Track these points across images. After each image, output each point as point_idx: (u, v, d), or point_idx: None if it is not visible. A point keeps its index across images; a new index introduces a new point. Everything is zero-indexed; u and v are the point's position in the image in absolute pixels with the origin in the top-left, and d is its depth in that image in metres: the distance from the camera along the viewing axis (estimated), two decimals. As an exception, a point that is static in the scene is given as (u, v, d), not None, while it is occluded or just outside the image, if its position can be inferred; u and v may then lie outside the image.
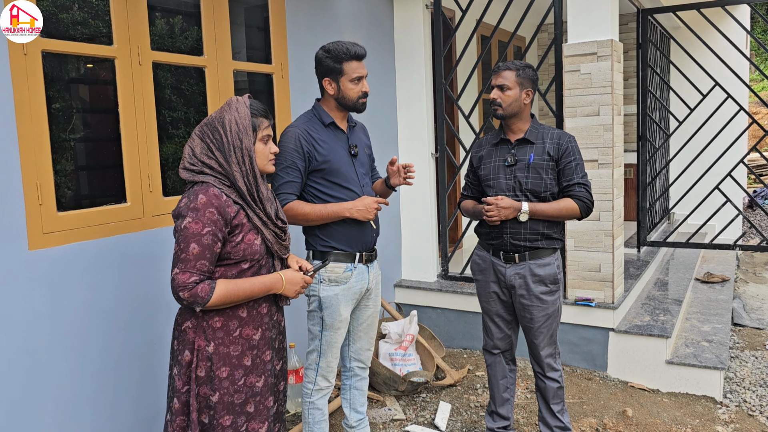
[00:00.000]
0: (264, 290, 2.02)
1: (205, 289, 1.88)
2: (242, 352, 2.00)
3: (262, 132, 2.03)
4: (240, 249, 1.97)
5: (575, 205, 2.72)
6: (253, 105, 2.03)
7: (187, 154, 2.00)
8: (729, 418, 3.48)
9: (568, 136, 2.76)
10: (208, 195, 1.91)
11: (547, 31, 7.46)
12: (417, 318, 4.04)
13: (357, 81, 2.56)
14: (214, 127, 1.98)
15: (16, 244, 2.31)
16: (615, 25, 3.99)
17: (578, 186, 2.73)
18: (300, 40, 3.69)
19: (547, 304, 2.78)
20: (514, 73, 2.70)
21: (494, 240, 2.80)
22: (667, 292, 4.89)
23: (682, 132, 6.30)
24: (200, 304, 1.88)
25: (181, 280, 1.86)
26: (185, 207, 1.91)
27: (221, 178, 1.97)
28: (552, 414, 2.89)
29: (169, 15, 3.04)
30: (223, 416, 1.97)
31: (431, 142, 4.65)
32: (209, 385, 1.96)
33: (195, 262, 1.87)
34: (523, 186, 2.72)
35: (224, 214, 1.92)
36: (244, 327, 2.01)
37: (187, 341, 1.97)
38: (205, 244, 1.88)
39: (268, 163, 2.08)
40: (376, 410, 3.58)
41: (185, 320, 1.99)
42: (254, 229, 2.00)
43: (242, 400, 2.01)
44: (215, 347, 1.96)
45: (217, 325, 1.96)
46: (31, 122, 2.35)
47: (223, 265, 1.97)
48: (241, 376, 2.00)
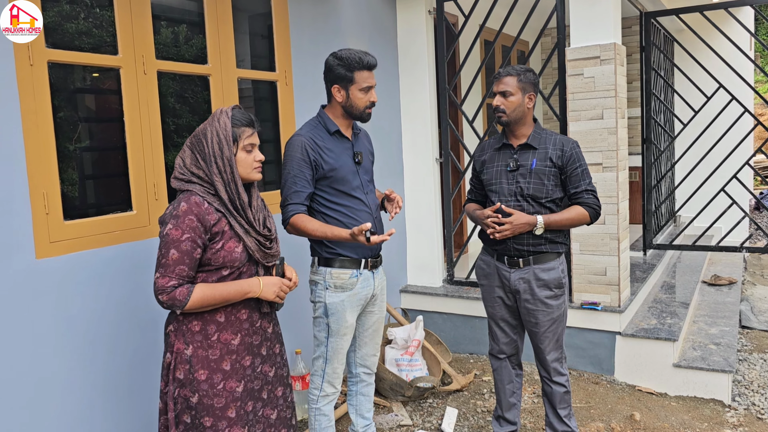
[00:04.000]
0: (241, 294, 2.07)
1: (183, 293, 1.96)
2: (221, 356, 2.06)
3: (243, 141, 2.09)
4: (220, 256, 2.03)
5: (585, 212, 2.73)
6: (235, 115, 2.09)
7: (178, 165, 2.10)
8: (737, 421, 3.46)
9: (571, 142, 2.75)
10: (189, 203, 1.99)
11: (550, 35, 7.46)
12: (423, 323, 4.04)
13: (366, 90, 2.56)
14: (199, 139, 2.07)
15: (23, 253, 2.33)
16: (618, 29, 3.99)
17: (586, 193, 2.73)
18: (303, 47, 3.71)
19: (552, 309, 2.77)
20: (515, 79, 2.70)
21: (498, 245, 2.80)
22: (674, 295, 4.87)
23: (686, 134, 6.28)
24: (179, 307, 1.97)
25: (161, 284, 1.96)
26: (168, 214, 2.01)
27: (207, 187, 2.05)
28: (559, 419, 2.88)
29: (174, 24, 3.06)
30: (204, 417, 2.03)
31: (435, 147, 4.65)
32: (189, 387, 2.03)
33: (174, 267, 1.96)
34: (525, 191, 2.72)
35: (204, 221, 1.99)
36: (222, 332, 2.07)
37: (169, 344, 2.07)
38: (184, 249, 1.96)
39: (253, 171, 2.13)
40: (383, 416, 3.58)
41: (169, 324, 2.09)
42: (236, 236, 2.06)
43: (222, 405, 2.05)
44: (193, 350, 2.03)
45: (196, 329, 2.04)
46: (38, 132, 2.37)
47: (205, 271, 2.05)
48: (220, 380, 2.05)
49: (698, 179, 5.84)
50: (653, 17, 5.62)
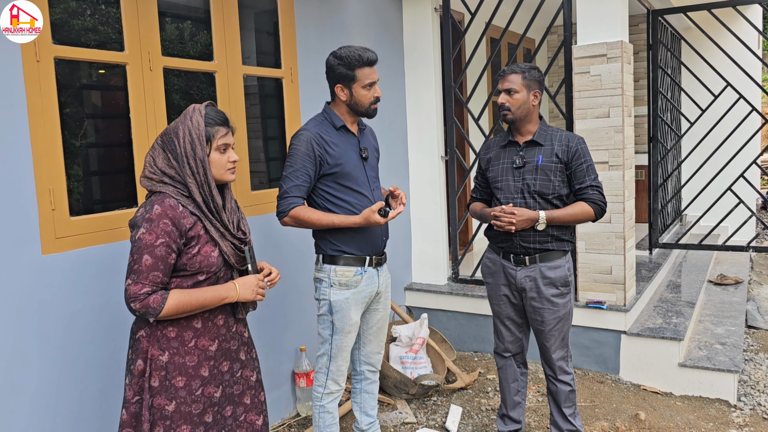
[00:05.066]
0: (217, 299, 1.99)
1: (157, 300, 1.86)
2: (199, 362, 1.98)
3: (217, 141, 1.99)
4: (196, 261, 1.95)
5: (590, 209, 2.71)
6: (208, 114, 1.99)
7: (147, 163, 1.98)
8: (743, 421, 3.44)
9: (576, 138, 2.74)
10: (164, 206, 1.89)
11: (557, 33, 7.44)
12: (427, 321, 4.03)
13: (369, 87, 2.56)
14: (171, 138, 1.96)
15: (29, 248, 2.34)
16: (625, 26, 3.97)
17: (591, 189, 2.72)
18: (309, 44, 3.70)
19: (558, 307, 2.77)
20: (520, 76, 2.69)
21: (504, 243, 2.79)
22: (679, 294, 4.85)
23: (693, 133, 6.25)
24: (153, 315, 1.87)
25: (133, 291, 1.85)
26: (140, 217, 1.90)
27: (180, 188, 1.95)
28: (564, 417, 2.88)
29: (180, 20, 3.06)
30: (180, 426, 1.95)
31: (441, 145, 4.64)
32: (164, 395, 1.93)
33: (147, 273, 1.86)
34: (531, 188, 2.71)
35: (179, 225, 1.90)
36: (200, 338, 1.99)
37: (141, 350, 1.95)
38: (158, 255, 1.87)
39: (227, 173, 2.03)
40: (387, 413, 3.58)
41: (139, 329, 1.97)
42: (211, 240, 1.98)
43: (200, 410, 1.99)
44: (170, 356, 1.94)
45: (172, 335, 1.95)
46: (44, 128, 2.38)
47: (179, 276, 1.95)
48: (199, 386, 1.98)
49: (705, 178, 5.82)
50: (660, 15, 5.59)
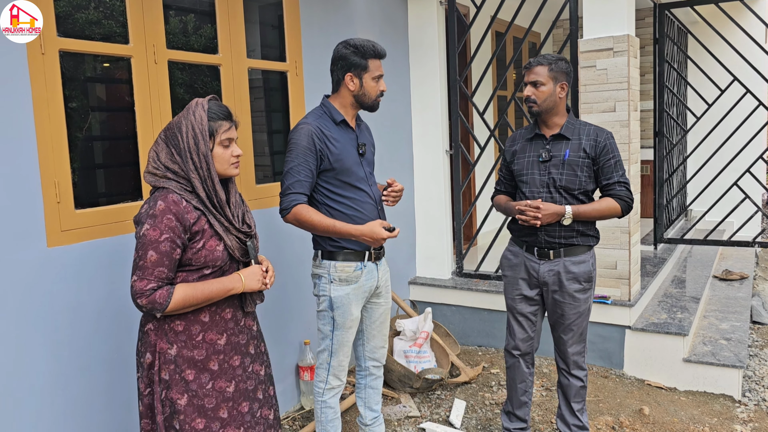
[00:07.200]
0: (224, 291, 1.98)
1: (163, 295, 1.86)
2: (207, 356, 1.98)
3: (220, 136, 1.98)
4: (201, 255, 1.94)
5: (617, 205, 2.67)
6: (211, 108, 1.98)
7: (151, 159, 1.97)
8: (748, 416, 3.44)
9: (605, 133, 2.69)
10: (167, 201, 1.89)
11: (563, 26, 7.41)
12: (432, 315, 4.03)
13: (378, 79, 2.56)
14: (174, 132, 1.96)
15: (35, 241, 2.34)
16: (632, 20, 3.95)
17: (618, 185, 2.68)
18: (314, 38, 3.69)
19: (579, 302, 2.73)
20: (546, 68, 2.64)
21: (528, 237, 2.75)
22: (684, 289, 4.84)
23: (699, 128, 6.22)
24: (159, 310, 1.87)
25: (139, 287, 1.85)
26: (144, 213, 1.90)
27: (184, 183, 1.95)
28: (572, 412, 2.87)
29: (184, 13, 3.05)
30: (195, 419, 1.95)
31: (446, 139, 4.63)
32: (176, 389, 1.94)
33: (153, 269, 1.86)
34: (557, 183, 2.66)
35: (183, 220, 1.90)
36: (207, 332, 1.99)
37: (149, 343, 1.96)
38: (163, 251, 1.87)
39: (230, 167, 2.02)
40: (391, 407, 3.58)
41: (147, 322, 1.98)
42: (216, 235, 1.97)
43: (213, 405, 1.98)
44: (178, 350, 1.95)
45: (179, 329, 1.95)
46: (49, 121, 2.38)
47: (185, 271, 1.95)
48: (209, 380, 1.98)
49: (710, 173, 5.79)
50: (667, 9, 5.55)
